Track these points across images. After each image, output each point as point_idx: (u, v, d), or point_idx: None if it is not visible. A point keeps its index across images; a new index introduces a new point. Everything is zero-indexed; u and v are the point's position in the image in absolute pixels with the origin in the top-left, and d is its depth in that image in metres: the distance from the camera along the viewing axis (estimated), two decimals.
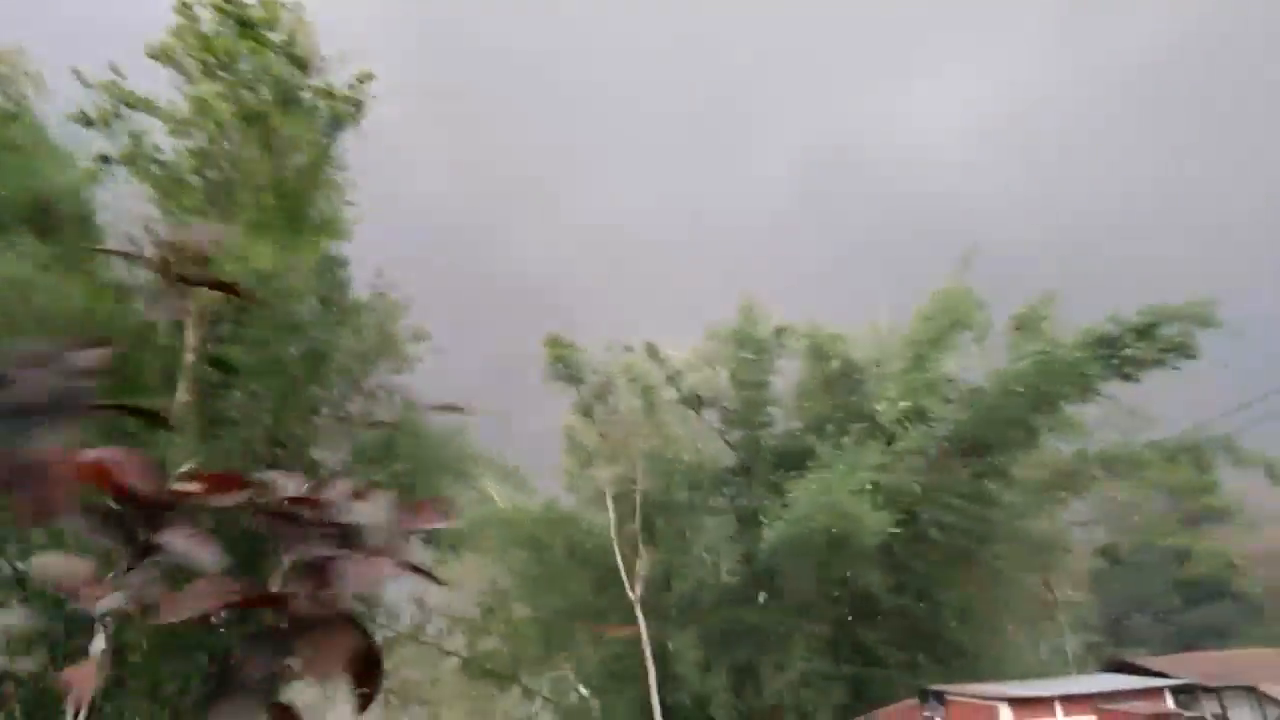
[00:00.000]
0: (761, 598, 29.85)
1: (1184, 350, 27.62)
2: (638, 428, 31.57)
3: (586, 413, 32.44)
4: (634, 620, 28.14)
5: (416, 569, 1.86)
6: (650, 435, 31.57)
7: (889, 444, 28.17)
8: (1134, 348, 27.26)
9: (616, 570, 28.73)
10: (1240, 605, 60.30)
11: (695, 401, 33.02)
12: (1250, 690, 35.33)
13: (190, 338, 17.94)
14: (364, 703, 1.64)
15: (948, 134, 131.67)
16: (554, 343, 33.10)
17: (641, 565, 28.74)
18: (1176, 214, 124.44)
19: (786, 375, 32.50)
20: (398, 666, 26.52)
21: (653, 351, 33.23)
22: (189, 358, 17.87)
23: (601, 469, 30.88)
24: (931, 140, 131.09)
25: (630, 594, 28.46)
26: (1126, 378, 28.23)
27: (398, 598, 24.74)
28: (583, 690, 33.04)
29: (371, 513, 1.66)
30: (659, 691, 27.80)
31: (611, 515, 29.50)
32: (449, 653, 26.81)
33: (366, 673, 1.57)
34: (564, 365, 32.34)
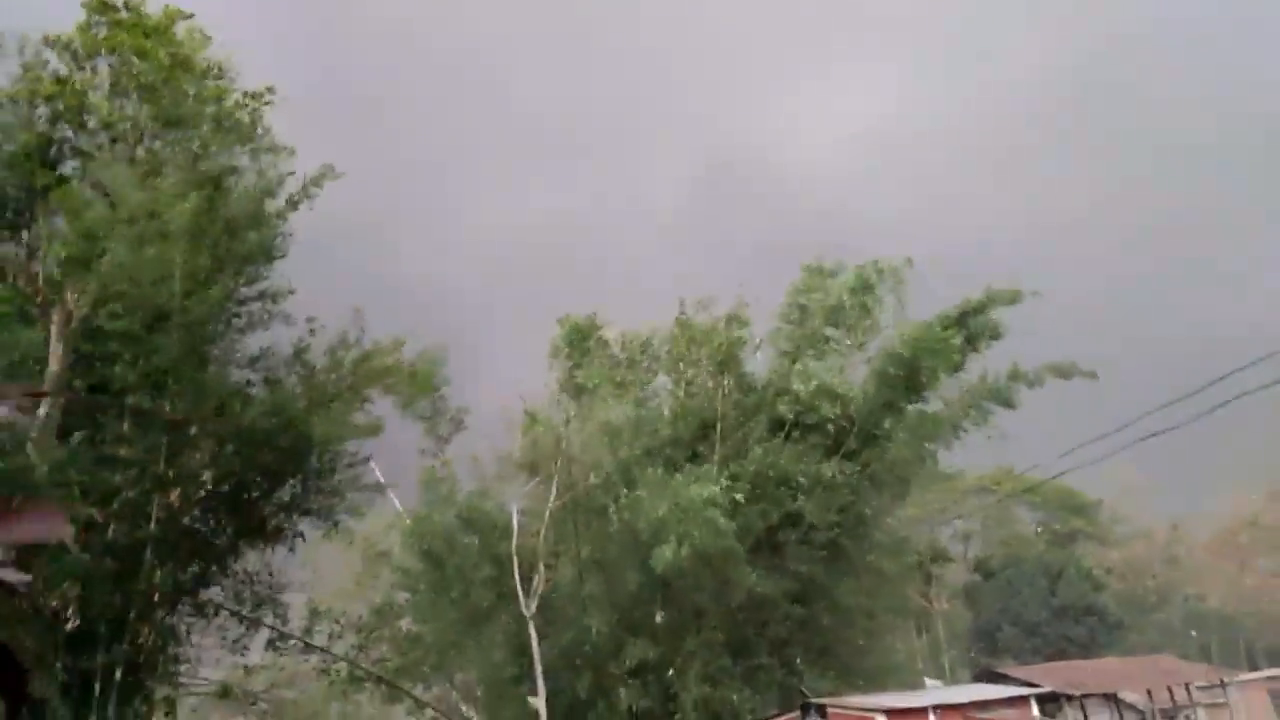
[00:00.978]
0: (659, 616, 30.07)
1: (994, 333, 32.48)
2: (563, 431, 31.42)
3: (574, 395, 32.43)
4: (527, 635, 28.13)
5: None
6: (576, 434, 31.47)
7: (787, 436, 29.74)
8: (974, 322, 31.66)
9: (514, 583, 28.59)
10: (1103, 621, 63.80)
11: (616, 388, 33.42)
12: (1109, 697, 37.54)
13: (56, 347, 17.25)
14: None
15: (837, 146, 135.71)
16: (570, 322, 33.20)
17: (539, 580, 28.70)
18: (1054, 234, 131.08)
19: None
20: (274, 684, 25.88)
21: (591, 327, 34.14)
22: (54, 368, 17.21)
23: (515, 480, 30.72)
24: (822, 151, 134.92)
25: (524, 609, 28.41)
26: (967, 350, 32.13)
27: (293, 600, 24.23)
28: (467, 712, 32.63)
29: None
30: (554, 703, 27.88)
31: (514, 528, 29.39)
32: (338, 658, 26.26)
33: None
34: (581, 344, 32.60)
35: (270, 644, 24.57)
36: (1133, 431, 30.51)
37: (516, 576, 28.58)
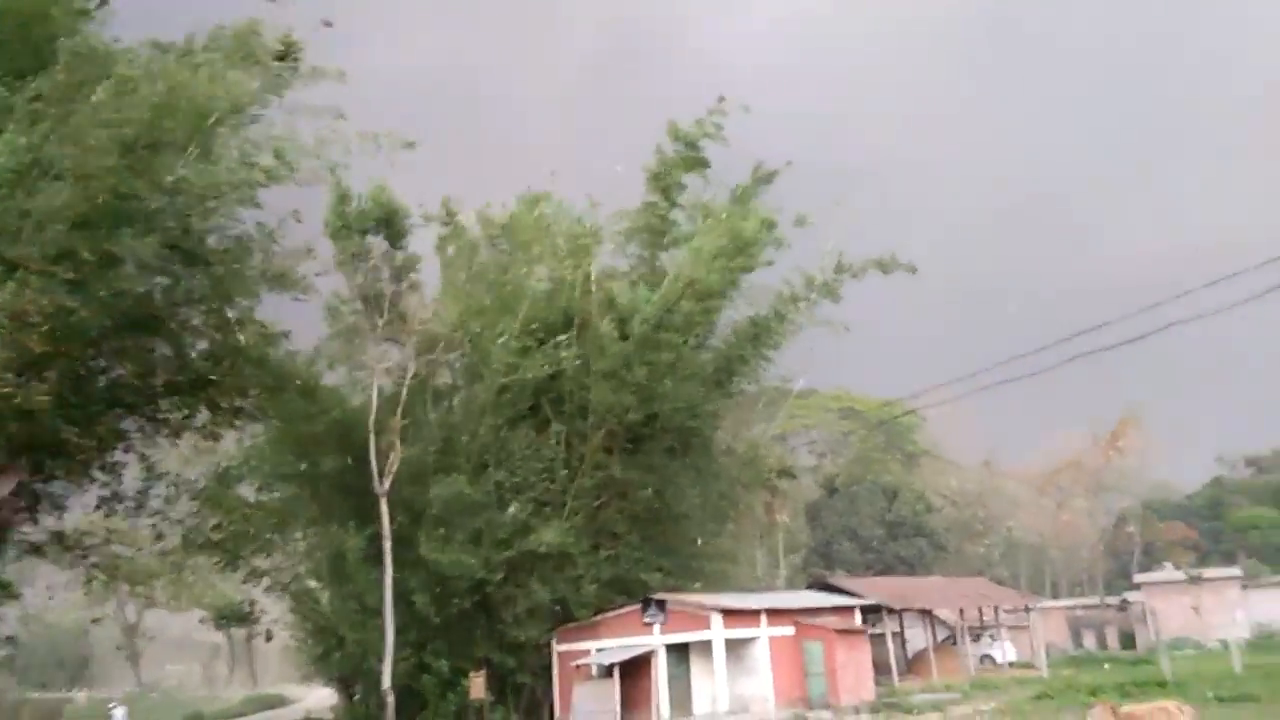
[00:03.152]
0: (513, 507, 30.09)
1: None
2: (424, 307, 30.21)
3: (380, 283, 29.58)
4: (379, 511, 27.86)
5: None
6: (433, 314, 30.34)
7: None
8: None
9: (368, 457, 28.10)
10: (932, 543, 68.06)
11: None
12: (925, 613, 40.38)
13: None
14: None
15: (752, 42, 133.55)
16: (343, 198, 28.80)
17: (395, 458, 28.23)
18: (960, 159, 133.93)
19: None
20: (107, 540, 24.87)
21: (451, 214, 32.64)
22: None
23: (375, 351, 29.60)
24: (736, 47, 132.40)
25: (377, 485, 28.07)
26: None
27: (123, 460, 23.03)
28: (311, 582, 32.32)
29: None
30: (404, 583, 27.93)
31: (374, 402, 28.73)
32: (173, 521, 25.37)
33: None
34: (358, 223, 28.98)
35: (102, 503, 23.47)
36: (976, 377, 32.17)
37: (372, 452, 28.14)
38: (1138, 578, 59.46)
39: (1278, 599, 53.38)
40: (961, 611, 40.81)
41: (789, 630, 30.33)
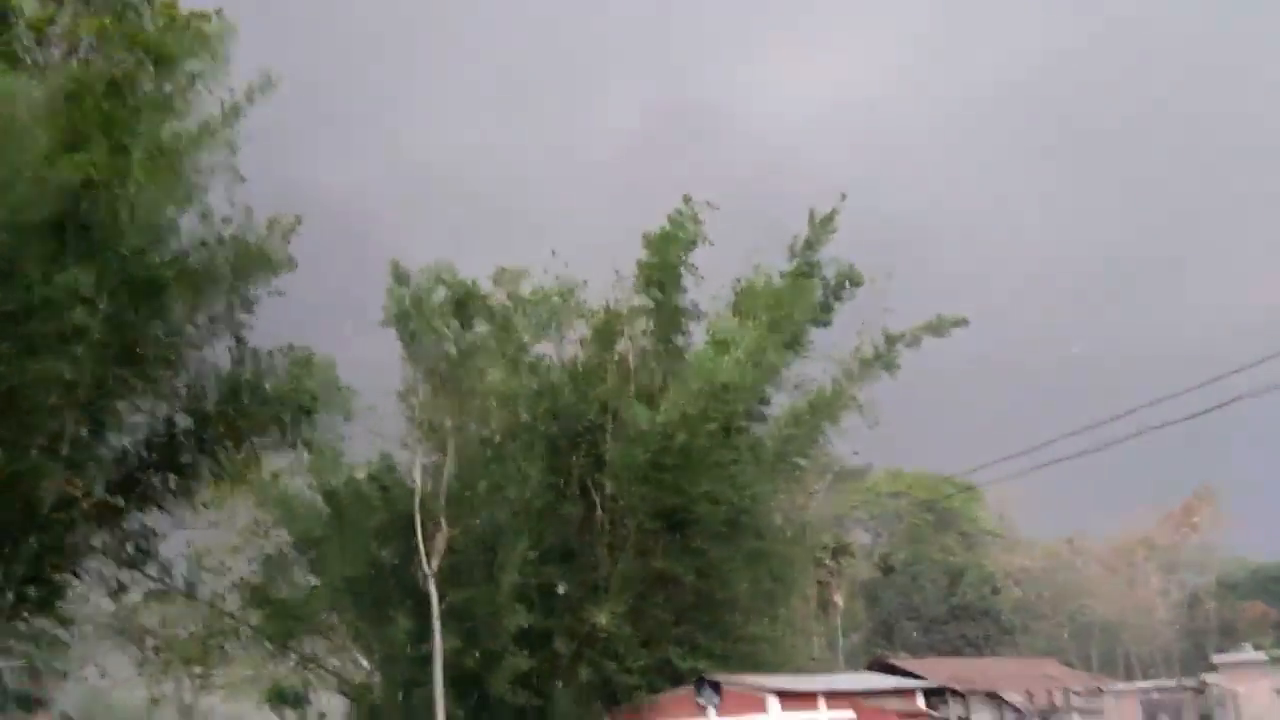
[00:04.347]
0: (561, 588, 29.83)
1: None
2: (470, 388, 30.02)
3: (442, 370, 29.06)
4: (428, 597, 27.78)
5: None
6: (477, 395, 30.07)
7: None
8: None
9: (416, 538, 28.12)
10: (998, 624, 65.90)
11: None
12: (992, 695, 38.85)
13: None
14: None
15: (804, 115, 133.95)
16: (400, 274, 28.23)
17: (441, 539, 28.28)
18: (1013, 232, 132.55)
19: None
20: (166, 622, 25.20)
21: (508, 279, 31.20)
22: None
23: (417, 437, 29.72)
24: (788, 116, 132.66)
25: (426, 568, 28.05)
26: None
27: (172, 551, 23.40)
28: (364, 663, 32.22)
29: None
30: (453, 667, 27.64)
31: (418, 485, 28.87)
32: (225, 614, 25.59)
33: None
34: (424, 305, 28.48)
35: (149, 595, 23.67)
36: (1038, 453, 31.08)
37: (419, 534, 28.19)
38: (1216, 659, 56.62)
39: None
40: (1031, 695, 39.23)
41: (848, 714, 29.29)
